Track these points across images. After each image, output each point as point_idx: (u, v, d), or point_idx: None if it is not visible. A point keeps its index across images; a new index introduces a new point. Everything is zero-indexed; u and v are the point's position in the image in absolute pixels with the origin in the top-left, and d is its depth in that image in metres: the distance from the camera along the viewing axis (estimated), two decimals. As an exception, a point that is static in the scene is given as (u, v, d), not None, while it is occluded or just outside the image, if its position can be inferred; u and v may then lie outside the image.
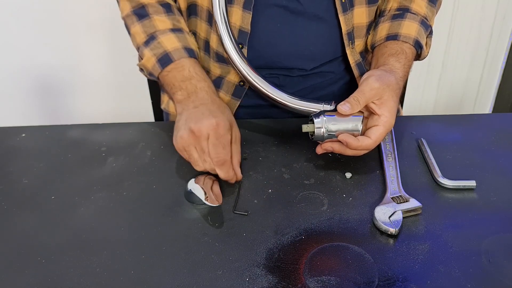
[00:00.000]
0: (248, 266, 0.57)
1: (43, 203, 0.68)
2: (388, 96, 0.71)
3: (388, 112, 0.70)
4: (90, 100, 1.75)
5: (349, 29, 0.84)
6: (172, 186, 0.70)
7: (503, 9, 1.79)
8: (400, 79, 0.77)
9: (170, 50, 0.78)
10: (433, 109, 1.98)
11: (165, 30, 0.80)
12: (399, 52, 0.81)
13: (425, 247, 0.59)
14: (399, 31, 0.83)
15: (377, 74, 0.73)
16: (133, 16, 0.82)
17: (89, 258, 0.59)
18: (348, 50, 0.86)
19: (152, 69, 0.79)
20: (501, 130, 0.82)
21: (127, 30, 0.85)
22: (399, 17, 0.85)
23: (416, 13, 0.85)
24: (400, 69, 0.78)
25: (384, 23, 0.86)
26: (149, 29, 0.80)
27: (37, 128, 0.84)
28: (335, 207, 0.66)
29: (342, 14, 0.82)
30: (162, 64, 0.78)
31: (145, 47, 0.80)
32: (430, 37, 0.88)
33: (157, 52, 0.78)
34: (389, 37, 0.84)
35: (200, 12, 0.85)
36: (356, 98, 0.70)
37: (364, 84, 0.71)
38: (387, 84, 0.71)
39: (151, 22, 0.81)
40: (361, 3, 0.84)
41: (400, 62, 0.79)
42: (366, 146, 0.70)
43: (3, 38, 1.57)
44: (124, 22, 0.85)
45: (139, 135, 0.82)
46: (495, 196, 0.68)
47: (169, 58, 0.78)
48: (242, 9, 0.79)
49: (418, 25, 0.84)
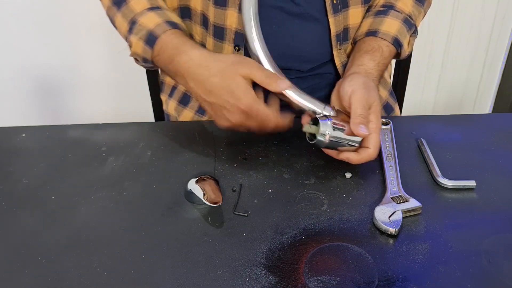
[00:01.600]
0: (248, 266, 0.57)
1: (43, 203, 0.68)
2: (375, 104, 0.71)
3: (376, 117, 0.70)
4: (90, 100, 1.75)
5: (338, 30, 0.84)
6: (172, 186, 0.70)
7: (503, 9, 1.79)
8: (375, 80, 0.77)
9: (152, 28, 0.75)
10: (433, 109, 1.98)
11: (143, 11, 0.77)
12: (375, 49, 0.80)
13: (425, 247, 0.59)
14: (379, 28, 0.83)
15: (363, 85, 0.72)
16: (113, 8, 0.80)
17: (89, 258, 0.59)
18: (335, 51, 0.86)
19: (144, 53, 0.76)
20: (501, 130, 0.82)
21: (113, 25, 0.83)
22: (382, 13, 0.84)
23: (400, 11, 0.84)
24: (374, 69, 0.78)
25: (367, 18, 0.85)
26: (128, 15, 0.78)
27: (37, 128, 0.84)
28: (335, 207, 0.66)
29: (332, 15, 0.82)
30: (150, 44, 0.75)
31: (129, 34, 0.77)
32: (414, 36, 0.87)
33: (142, 35, 0.76)
34: (368, 33, 0.84)
35: (194, 16, 0.84)
36: (364, 116, 0.68)
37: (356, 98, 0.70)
38: (374, 94, 0.71)
39: (129, 7, 0.78)
40: (357, 3, 0.84)
41: (374, 60, 0.79)
42: (369, 157, 0.70)
43: (3, 38, 1.57)
44: (109, 18, 0.83)
45: (139, 135, 0.82)
46: (495, 196, 0.68)
47: (153, 36, 0.75)
48: (237, 11, 0.79)
49: (400, 23, 0.83)
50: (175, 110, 0.95)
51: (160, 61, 0.76)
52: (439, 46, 1.82)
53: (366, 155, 0.69)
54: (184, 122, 0.90)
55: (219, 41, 0.83)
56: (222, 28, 0.81)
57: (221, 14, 0.80)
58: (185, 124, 0.88)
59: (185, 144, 0.79)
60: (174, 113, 0.95)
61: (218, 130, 0.80)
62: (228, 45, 0.83)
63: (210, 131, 0.82)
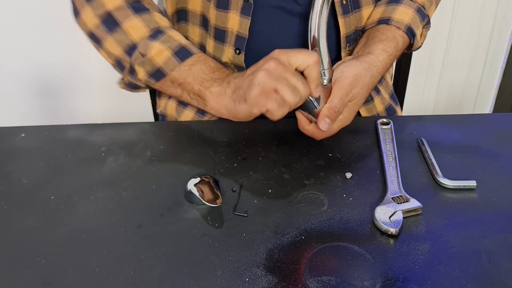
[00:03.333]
0: (248, 266, 0.57)
1: (42, 203, 0.68)
2: (355, 100, 0.70)
3: (348, 113, 0.71)
4: (89, 100, 1.75)
5: (349, 32, 0.83)
6: (172, 186, 0.70)
7: (503, 9, 1.79)
8: (377, 75, 0.75)
9: (185, 44, 0.73)
10: (433, 109, 1.98)
11: (168, 27, 0.75)
12: (390, 39, 0.78)
13: (426, 247, 0.59)
14: (392, 16, 0.80)
15: (354, 77, 0.70)
16: (127, 9, 0.74)
17: (89, 258, 0.59)
18: (343, 53, 0.85)
19: (164, 64, 0.72)
20: (502, 130, 0.82)
21: (109, 28, 0.74)
22: (394, 2, 0.82)
23: (413, 0, 0.82)
24: (383, 62, 0.76)
25: (379, 7, 0.83)
26: (151, 23, 0.73)
27: (37, 128, 0.84)
28: (335, 207, 0.66)
29: (341, 17, 0.81)
30: (181, 57, 0.72)
31: (151, 40, 0.72)
32: (426, 27, 0.85)
33: (171, 45, 0.72)
34: (380, 21, 0.81)
35: (192, 17, 0.84)
36: (336, 110, 0.68)
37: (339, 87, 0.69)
38: (360, 91, 0.71)
39: (152, 17, 0.75)
40: (368, 3, 0.83)
41: (387, 51, 0.77)
42: (316, 135, 0.72)
43: (3, 38, 1.57)
44: (109, 16, 0.74)
45: (139, 135, 0.82)
46: (495, 196, 0.68)
47: (187, 51, 0.72)
48: (240, 14, 0.78)
49: (414, 12, 0.81)
50: (175, 111, 0.95)
51: (191, 71, 0.72)
52: (439, 46, 1.82)
53: (311, 131, 0.71)
54: (184, 122, 0.90)
55: (219, 43, 0.83)
56: (223, 30, 0.81)
57: (222, 17, 0.80)
58: (185, 124, 0.88)
59: (185, 144, 0.79)
60: (174, 114, 0.95)
61: (218, 130, 0.80)
62: (228, 48, 0.82)
63: (210, 131, 0.82)
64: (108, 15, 0.75)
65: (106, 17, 0.75)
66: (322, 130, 0.70)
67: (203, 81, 0.71)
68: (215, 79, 0.71)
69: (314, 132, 0.71)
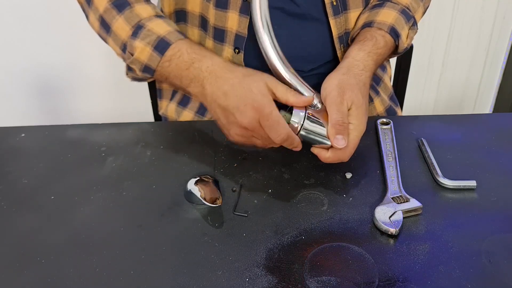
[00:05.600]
0: (248, 266, 0.57)
1: (43, 203, 0.68)
2: (355, 102, 0.67)
3: (357, 119, 0.67)
4: (90, 100, 1.75)
5: (340, 33, 0.83)
6: (172, 186, 0.70)
7: (503, 9, 1.78)
8: (360, 73, 0.72)
9: (164, 34, 0.72)
10: (433, 109, 1.98)
11: (150, 17, 0.74)
12: (368, 39, 0.76)
13: (426, 247, 0.59)
14: (374, 18, 0.80)
15: (337, 86, 0.68)
16: (112, 10, 0.75)
17: (89, 258, 0.59)
18: (339, 54, 0.85)
19: (149, 61, 0.72)
20: (501, 130, 0.82)
21: (106, 30, 0.77)
22: (378, 6, 0.82)
23: (396, 3, 0.82)
24: (362, 60, 0.74)
25: (364, 13, 0.83)
26: (133, 19, 0.73)
27: (37, 128, 0.84)
28: (335, 207, 0.66)
29: (332, 17, 0.81)
30: (160, 50, 0.71)
31: (134, 39, 0.72)
32: (413, 29, 0.84)
33: (150, 40, 0.71)
34: (364, 26, 0.80)
35: (191, 19, 0.84)
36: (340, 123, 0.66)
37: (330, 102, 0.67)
38: (351, 94, 0.68)
39: (133, 10, 0.74)
40: (357, 6, 0.83)
41: (363, 50, 0.75)
42: (338, 159, 0.67)
43: (3, 38, 1.57)
44: (102, 21, 0.77)
45: (139, 135, 0.82)
46: (495, 196, 0.68)
47: (166, 43, 0.71)
48: (238, 13, 0.79)
49: (397, 14, 0.80)
50: (175, 112, 0.95)
51: (171, 68, 0.72)
52: (439, 46, 1.82)
53: (336, 156, 0.66)
54: (184, 122, 0.90)
55: (219, 43, 0.83)
56: (223, 30, 0.81)
57: (222, 16, 0.80)
58: (185, 124, 0.88)
59: (184, 144, 0.79)
60: (174, 115, 0.95)
61: (218, 130, 0.79)
62: (228, 47, 0.82)
63: (210, 131, 0.82)
64: (102, 18, 0.77)
65: (101, 20, 0.77)
66: (342, 149, 0.66)
67: (181, 79, 0.71)
68: (191, 79, 0.70)
69: (336, 156, 0.67)
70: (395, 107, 0.99)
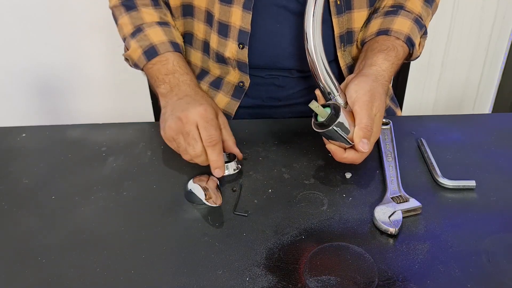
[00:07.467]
0: (248, 266, 0.57)
1: (43, 203, 0.68)
2: (378, 114, 0.68)
3: (377, 128, 0.68)
4: (90, 100, 1.75)
5: (342, 32, 0.84)
6: (172, 186, 0.70)
7: (503, 9, 1.79)
8: (386, 83, 0.74)
9: (156, 43, 0.79)
10: (433, 109, 1.98)
11: (152, 23, 0.82)
12: (390, 48, 0.78)
13: (425, 247, 0.59)
14: (390, 27, 0.81)
15: (369, 92, 0.68)
16: (121, 7, 0.84)
17: (89, 258, 0.59)
18: (339, 52, 0.86)
19: (138, 61, 0.81)
20: (501, 130, 0.82)
21: (115, 20, 0.87)
22: (392, 13, 0.83)
23: (410, 11, 0.83)
24: (387, 70, 0.75)
25: (377, 19, 0.84)
26: (136, 20, 0.82)
27: (37, 128, 0.84)
28: (335, 207, 0.66)
29: (335, 16, 0.82)
30: (148, 56, 0.79)
31: (131, 38, 0.81)
32: (424, 37, 0.86)
33: (143, 44, 0.80)
34: (380, 32, 0.82)
35: (198, 13, 0.85)
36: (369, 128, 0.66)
37: (361, 106, 0.67)
38: (378, 104, 0.68)
39: (139, 14, 0.82)
40: (361, 7, 0.84)
41: (389, 60, 0.77)
42: (353, 161, 0.68)
43: (3, 38, 1.57)
44: (112, 12, 0.87)
45: (139, 135, 0.82)
46: (495, 196, 0.68)
47: (154, 51, 0.79)
48: (242, 9, 0.79)
49: (412, 23, 0.82)
50: None
51: (152, 69, 0.79)
52: (439, 46, 1.82)
53: (353, 158, 0.68)
54: (184, 122, 0.90)
55: (223, 38, 0.83)
56: (227, 25, 0.82)
57: (226, 11, 0.80)
58: (185, 124, 0.88)
59: (185, 144, 0.79)
60: None
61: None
62: (232, 43, 0.83)
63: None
64: (112, 10, 0.88)
65: (112, 11, 0.88)
66: (361, 153, 0.67)
67: (156, 80, 0.78)
68: (164, 81, 0.77)
69: (353, 157, 0.68)
70: (394, 108, 0.99)
